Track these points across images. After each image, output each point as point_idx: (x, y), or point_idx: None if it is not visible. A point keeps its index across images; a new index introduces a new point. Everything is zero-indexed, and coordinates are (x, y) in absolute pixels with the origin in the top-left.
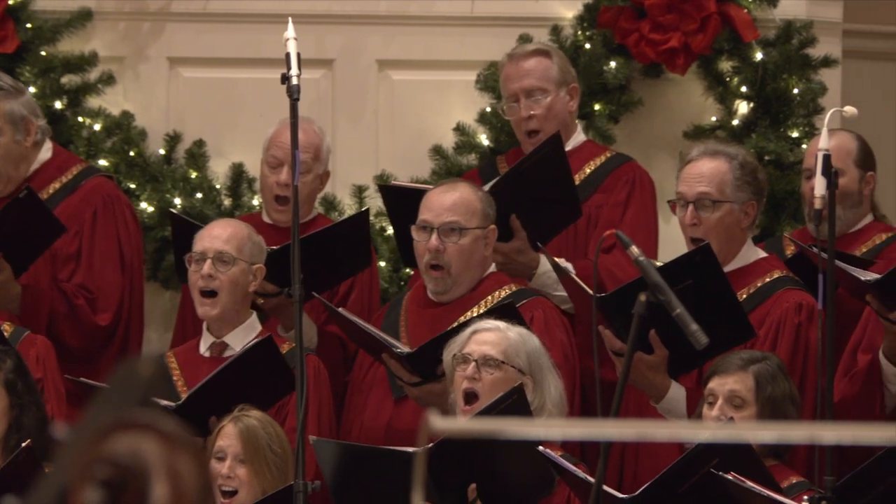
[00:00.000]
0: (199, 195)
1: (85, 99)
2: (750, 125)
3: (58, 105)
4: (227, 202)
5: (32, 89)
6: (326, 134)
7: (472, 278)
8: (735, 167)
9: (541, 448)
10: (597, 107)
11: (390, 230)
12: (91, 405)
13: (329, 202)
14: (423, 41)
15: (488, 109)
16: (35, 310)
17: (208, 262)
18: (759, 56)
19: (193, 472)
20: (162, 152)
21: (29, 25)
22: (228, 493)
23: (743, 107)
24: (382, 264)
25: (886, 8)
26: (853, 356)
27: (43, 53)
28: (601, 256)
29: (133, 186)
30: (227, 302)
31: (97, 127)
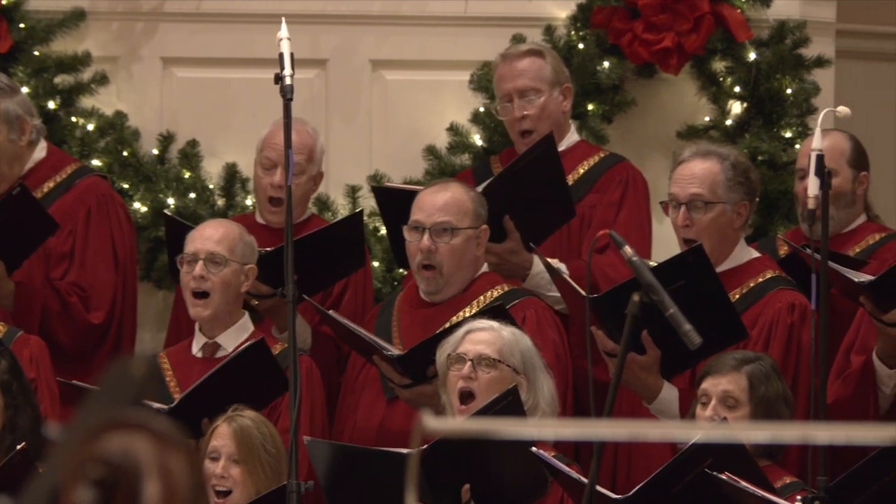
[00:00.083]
0: (193, 195)
1: (78, 99)
2: (743, 125)
3: (51, 105)
4: (221, 202)
5: (26, 89)
6: (320, 134)
7: (464, 278)
8: (727, 168)
9: (534, 449)
10: (590, 107)
11: (384, 230)
12: (83, 405)
13: (322, 202)
14: (417, 41)
15: (482, 109)
16: (28, 307)
17: (200, 264)
18: (753, 56)
19: (185, 471)
20: (155, 152)
21: (22, 25)
22: (222, 493)
23: (736, 107)
24: (376, 264)
25: (880, 8)
26: (846, 357)
27: (36, 53)
28: (595, 256)
29: (126, 186)
30: (220, 303)
31: (90, 127)
